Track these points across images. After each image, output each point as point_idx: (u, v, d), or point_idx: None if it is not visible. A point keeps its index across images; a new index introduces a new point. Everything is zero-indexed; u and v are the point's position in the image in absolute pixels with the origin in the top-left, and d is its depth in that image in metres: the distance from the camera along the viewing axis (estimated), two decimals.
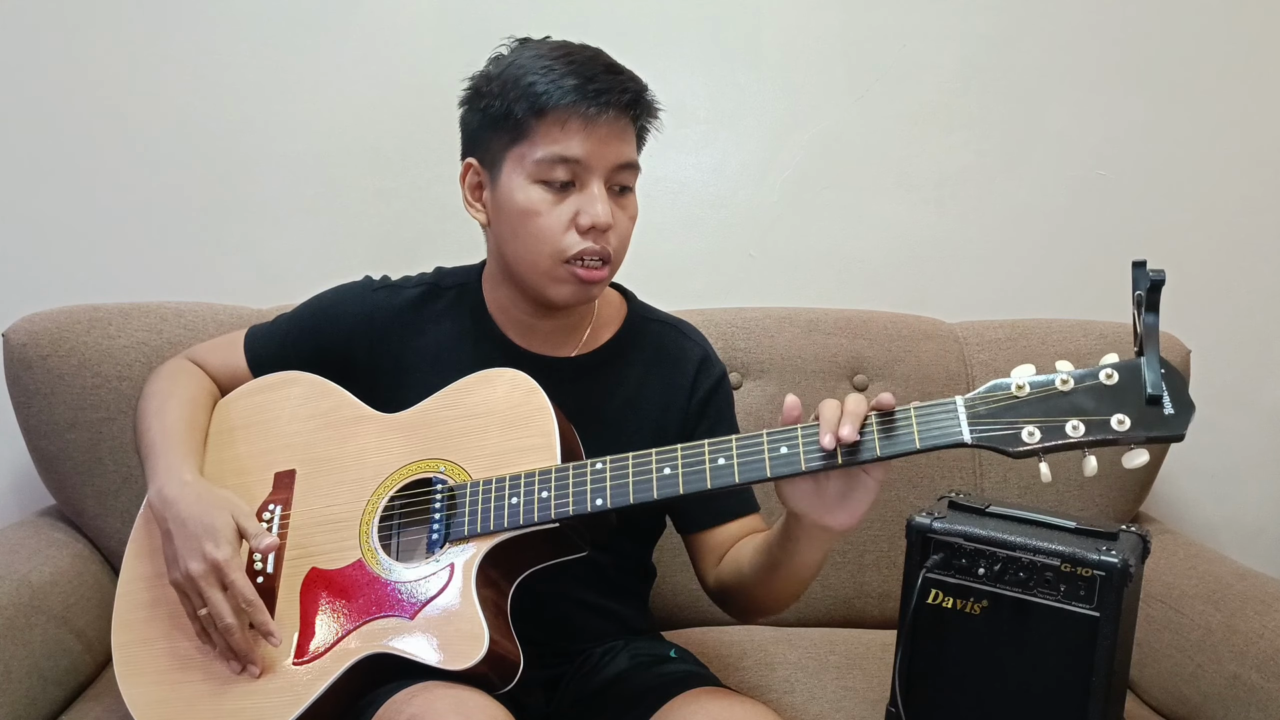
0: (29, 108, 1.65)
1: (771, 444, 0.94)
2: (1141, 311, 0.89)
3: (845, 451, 0.91)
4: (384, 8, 1.69)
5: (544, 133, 1.03)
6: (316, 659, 0.99)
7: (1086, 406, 0.87)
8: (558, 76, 1.03)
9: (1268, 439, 1.89)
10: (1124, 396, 0.86)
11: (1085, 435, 0.86)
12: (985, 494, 1.58)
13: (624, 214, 1.09)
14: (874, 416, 0.91)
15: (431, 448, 1.08)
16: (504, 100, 1.04)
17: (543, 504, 0.99)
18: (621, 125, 1.05)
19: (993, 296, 1.82)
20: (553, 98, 1.02)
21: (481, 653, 0.93)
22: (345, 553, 1.05)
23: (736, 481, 0.94)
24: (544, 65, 1.04)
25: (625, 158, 1.06)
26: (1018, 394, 0.89)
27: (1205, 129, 1.80)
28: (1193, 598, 1.39)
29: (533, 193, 1.05)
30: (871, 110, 1.77)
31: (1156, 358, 0.86)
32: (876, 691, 1.30)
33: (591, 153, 1.03)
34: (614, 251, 1.07)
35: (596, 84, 1.03)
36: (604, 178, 1.05)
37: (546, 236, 1.05)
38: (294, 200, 1.72)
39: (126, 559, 1.14)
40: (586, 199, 1.05)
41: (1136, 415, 0.85)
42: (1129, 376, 0.87)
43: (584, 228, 1.04)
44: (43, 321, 1.46)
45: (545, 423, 1.03)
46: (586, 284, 1.07)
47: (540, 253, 1.06)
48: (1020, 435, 0.87)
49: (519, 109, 1.03)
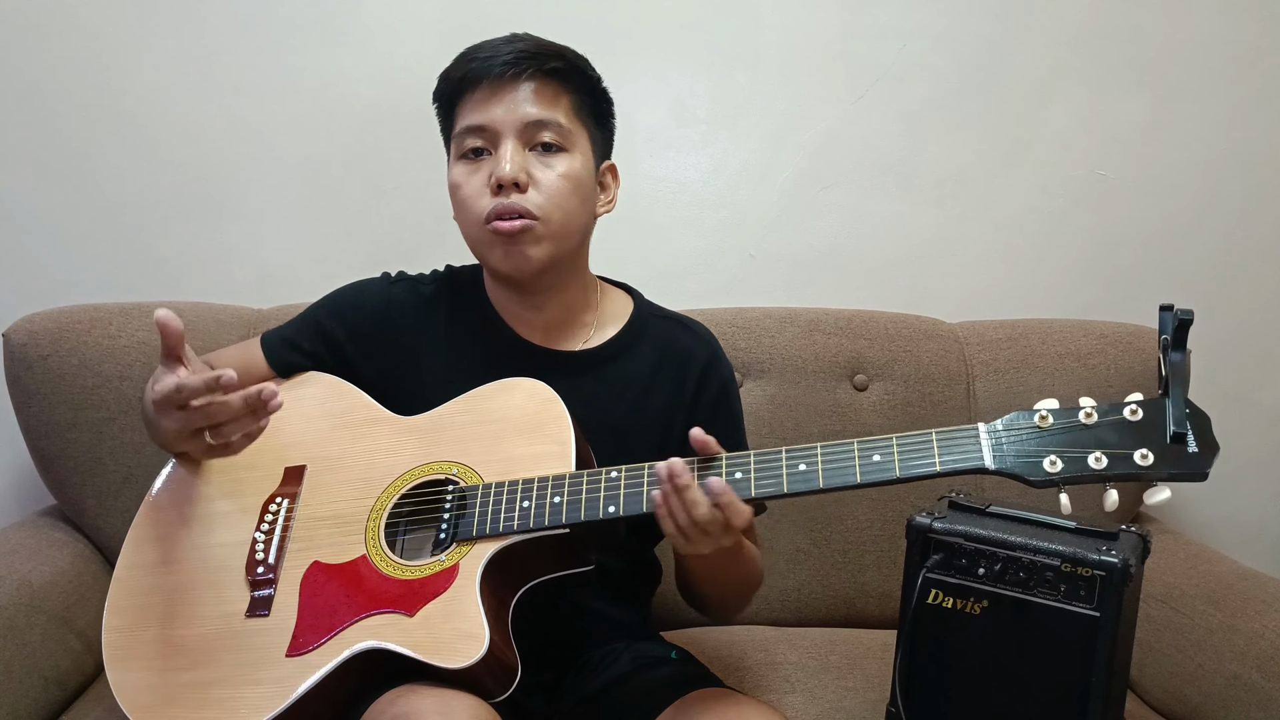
0: (29, 108, 1.65)
1: (790, 463, 0.94)
2: (1167, 353, 0.89)
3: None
4: (384, 8, 1.69)
5: (458, 113, 1.11)
6: (310, 651, 0.99)
7: (1110, 440, 0.88)
8: (464, 61, 1.10)
9: (1268, 439, 1.89)
10: (1148, 433, 0.88)
11: (1108, 468, 0.87)
12: (985, 494, 1.58)
13: (550, 172, 1.09)
14: (894, 438, 0.92)
15: (445, 450, 1.08)
16: (438, 101, 1.15)
17: (554, 509, 0.99)
18: (523, 84, 1.08)
19: (993, 296, 1.82)
20: (453, 77, 1.11)
21: (480, 652, 0.92)
22: (349, 548, 1.05)
23: (752, 495, 0.95)
24: (458, 58, 1.12)
25: (533, 115, 1.08)
26: (1041, 424, 0.90)
27: (1205, 129, 1.80)
28: (1193, 598, 1.39)
29: (457, 169, 1.11)
30: (871, 110, 1.77)
31: (1183, 397, 0.87)
32: (876, 691, 1.30)
33: (493, 116, 1.08)
34: (538, 208, 1.07)
35: (484, 52, 1.09)
36: (516, 137, 1.08)
37: (470, 204, 1.09)
38: (294, 200, 1.72)
39: (125, 546, 1.13)
40: (496, 159, 1.08)
41: (1159, 452, 0.86)
42: (1153, 414, 0.88)
43: (494, 186, 1.07)
44: (43, 321, 1.46)
45: (562, 431, 1.04)
46: (507, 239, 1.07)
47: (469, 221, 1.10)
48: (1042, 464, 0.89)
49: (445, 102, 1.13)
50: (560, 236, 1.10)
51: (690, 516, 0.93)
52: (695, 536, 0.94)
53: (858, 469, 0.92)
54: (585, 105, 1.13)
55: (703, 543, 0.95)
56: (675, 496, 0.93)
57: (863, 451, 0.93)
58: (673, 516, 0.94)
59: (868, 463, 0.93)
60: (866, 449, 0.93)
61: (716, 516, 0.93)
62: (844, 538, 1.57)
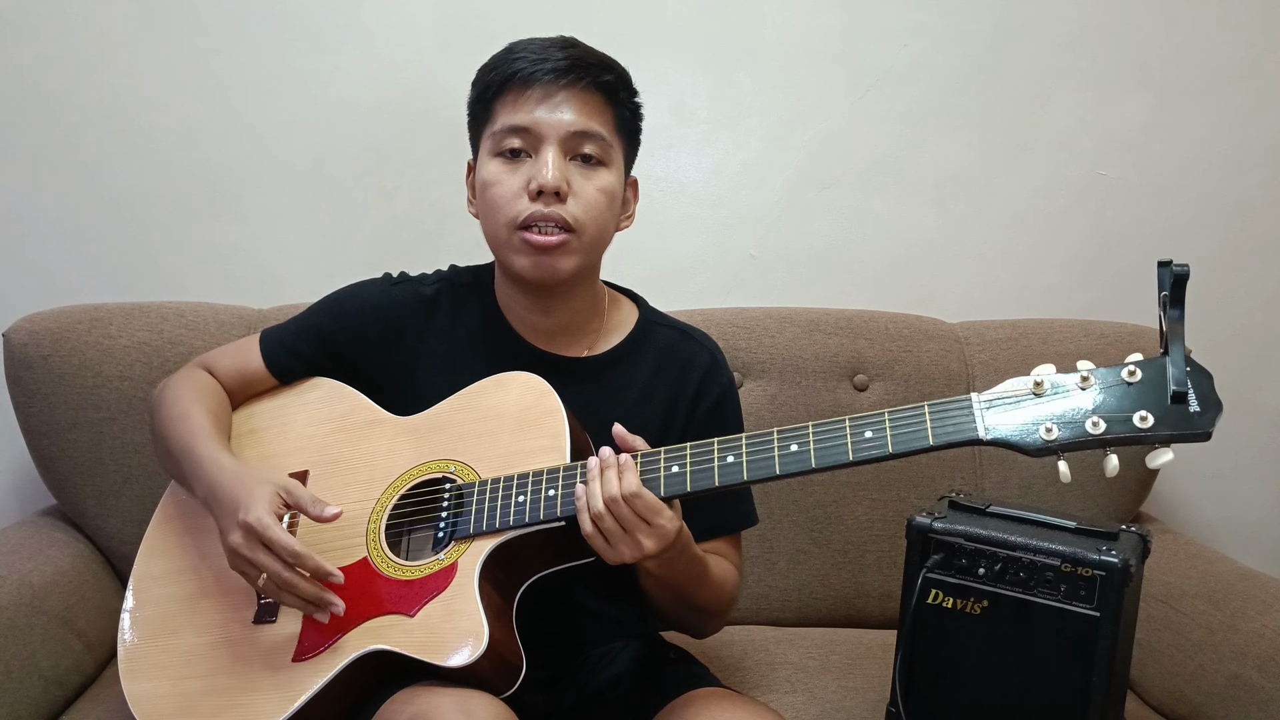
0: (29, 108, 1.65)
1: (782, 443, 0.94)
2: (1166, 310, 0.85)
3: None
4: (384, 8, 1.69)
5: (501, 109, 1.09)
6: (316, 655, 1.00)
7: (1108, 404, 0.85)
8: (511, 57, 1.09)
9: (1268, 439, 1.89)
10: (1147, 394, 0.84)
11: (1106, 432, 0.84)
12: (986, 494, 1.58)
13: (589, 184, 1.08)
14: (886, 413, 0.91)
15: (442, 449, 1.08)
16: (476, 90, 1.12)
17: (549, 502, 0.98)
18: (573, 93, 1.07)
19: (993, 296, 1.82)
20: (502, 73, 1.08)
21: (481, 648, 0.92)
22: (351, 551, 1.05)
23: (745, 479, 0.95)
24: (504, 52, 1.10)
25: (579, 125, 1.07)
26: (1036, 391, 0.87)
27: (1205, 129, 1.80)
28: (1193, 598, 1.39)
29: (492, 165, 1.09)
30: (871, 110, 1.77)
31: (1182, 355, 0.83)
32: (876, 691, 1.30)
33: (541, 119, 1.06)
34: (575, 220, 1.06)
35: (534, 53, 1.07)
36: (559, 145, 1.06)
37: (501, 204, 1.07)
38: (294, 200, 1.72)
39: (139, 557, 1.16)
40: (538, 164, 1.06)
41: (1160, 413, 0.83)
42: (1153, 374, 0.85)
43: (533, 191, 1.06)
44: (43, 321, 1.46)
45: (556, 425, 1.03)
46: (539, 251, 1.06)
47: (498, 222, 1.08)
48: (1038, 432, 0.86)
49: (486, 94, 1.10)
50: (591, 250, 1.10)
51: (605, 497, 0.93)
52: (613, 532, 0.94)
53: (850, 447, 0.91)
54: (625, 121, 1.13)
55: (624, 545, 0.95)
56: (596, 482, 0.95)
57: (855, 428, 0.91)
58: (589, 508, 0.94)
59: (860, 439, 0.91)
60: (859, 425, 0.91)
61: (626, 513, 0.93)
62: (844, 538, 1.57)
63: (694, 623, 1.18)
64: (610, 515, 0.94)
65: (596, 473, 0.96)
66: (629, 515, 0.94)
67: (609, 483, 0.94)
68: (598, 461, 0.96)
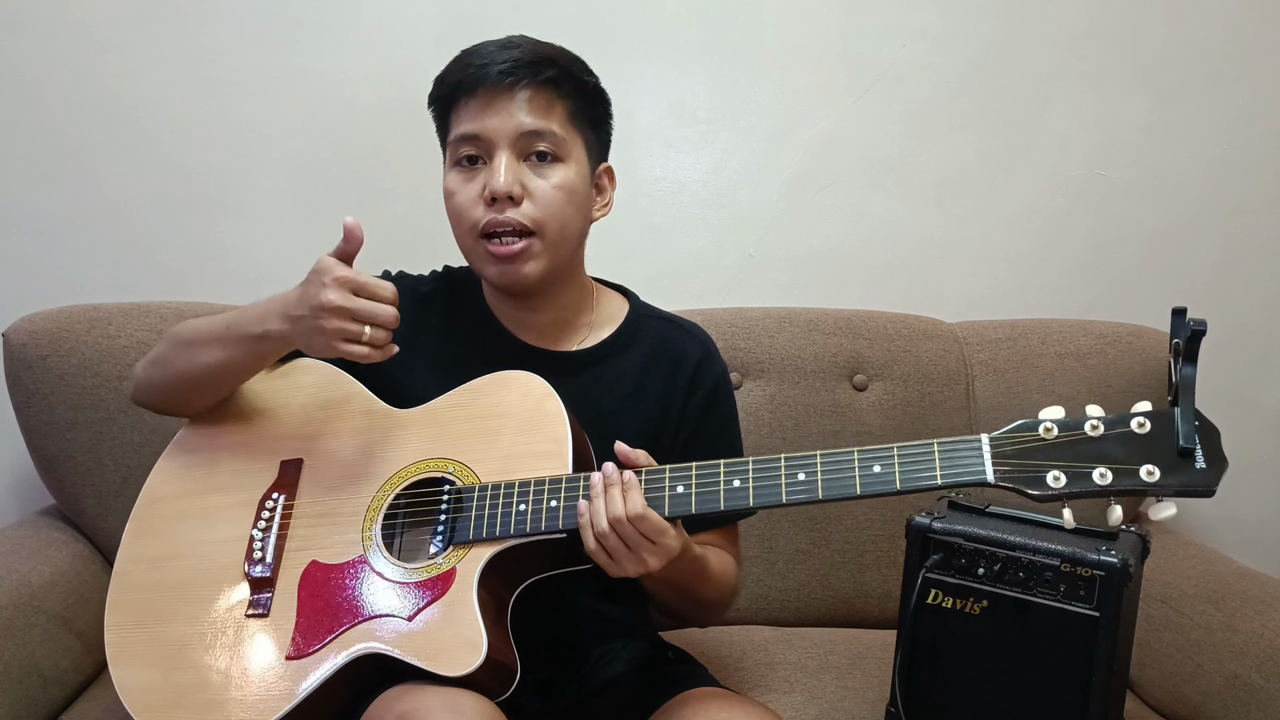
0: (29, 108, 1.65)
1: (790, 471, 0.94)
2: (1179, 361, 0.85)
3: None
4: (384, 8, 1.69)
5: (454, 119, 1.09)
6: (311, 654, 0.99)
7: (1115, 454, 0.86)
8: (459, 65, 1.09)
9: (1268, 439, 1.89)
10: (1154, 447, 0.85)
11: (1113, 484, 0.85)
12: (985, 494, 1.58)
13: (545, 183, 1.08)
14: (895, 448, 0.91)
15: (441, 447, 1.07)
16: (430, 102, 1.13)
17: (550, 513, 0.98)
18: (518, 94, 1.06)
19: (993, 296, 1.82)
20: (449, 83, 1.09)
21: (479, 660, 0.92)
22: (347, 547, 1.04)
23: (750, 505, 0.95)
24: (453, 61, 1.10)
25: (528, 125, 1.06)
26: (1045, 436, 0.88)
27: (1205, 129, 1.80)
28: (1193, 598, 1.39)
29: (451, 176, 1.10)
30: (871, 110, 1.77)
31: (1191, 410, 0.84)
32: (876, 691, 1.29)
33: (489, 125, 1.06)
34: (533, 222, 1.06)
35: (479, 58, 1.07)
36: (511, 148, 1.06)
37: (461, 213, 1.08)
38: (293, 200, 1.72)
39: (125, 538, 1.12)
40: (490, 170, 1.07)
41: (1166, 466, 0.84)
42: (1161, 426, 0.85)
43: (487, 198, 1.06)
44: (43, 321, 1.46)
45: (558, 429, 1.03)
46: (502, 260, 1.07)
47: (462, 231, 1.10)
48: (1045, 479, 0.86)
49: (440, 106, 1.11)
50: (557, 248, 1.10)
51: (610, 518, 0.93)
52: (618, 550, 0.94)
53: (858, 481, 0.91)
54: (581, 111, 1.11)
55: (628, 562, 0.95)
56: (600, 499, 0.94)
57: (863, 462, 0.92)
58: (592, 524, 0.94)
59: (868, 474, 0.91)
60: (867, 459, 0.92)
61: (631, 533, 0.93)
62: (844, 538, 1.57)
63: (697, 615, 1.19)
64: (615, 535, 0.94)
65: (600, 490, 0.95)
66: (634, 535, 0.93)
67: (613, 502, 0.93)
68: (601, 478, 0.96)
